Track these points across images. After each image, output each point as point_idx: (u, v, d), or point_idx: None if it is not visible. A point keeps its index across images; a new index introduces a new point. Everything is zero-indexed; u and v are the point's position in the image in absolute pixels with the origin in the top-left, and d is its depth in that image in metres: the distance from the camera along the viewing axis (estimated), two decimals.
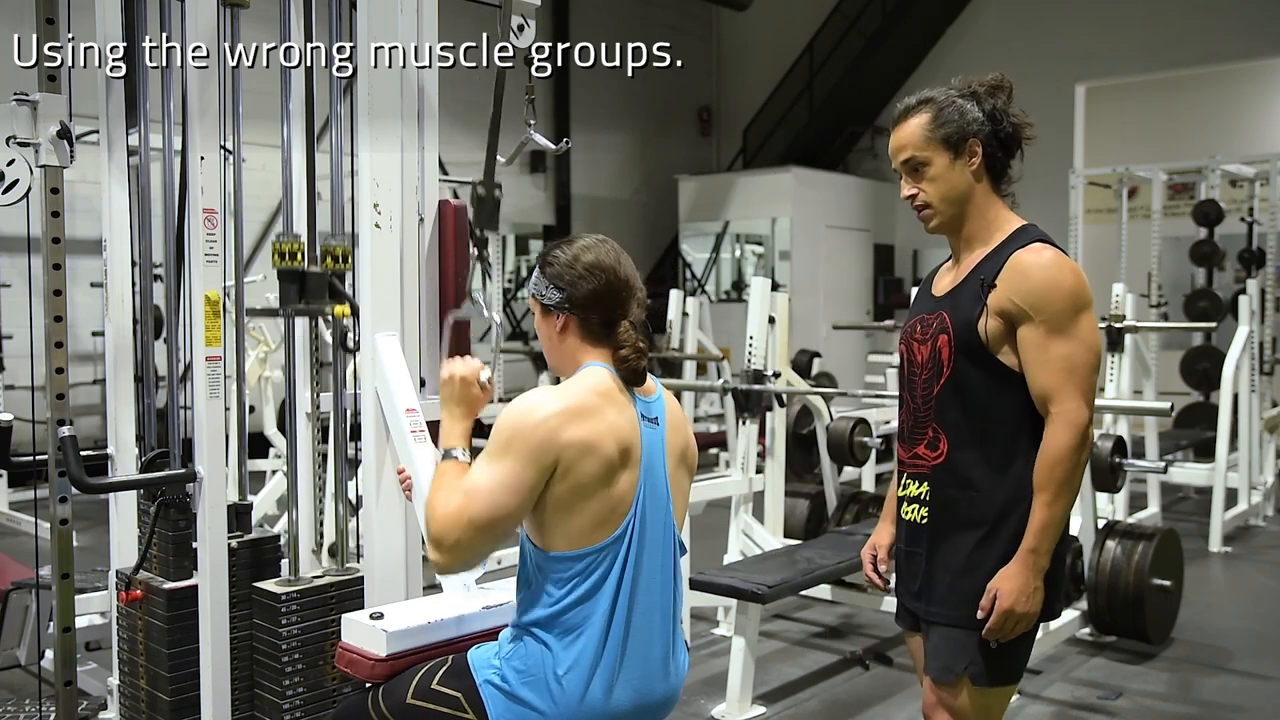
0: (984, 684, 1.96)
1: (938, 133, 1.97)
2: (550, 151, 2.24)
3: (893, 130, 2.04)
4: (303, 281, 2.46)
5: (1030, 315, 1.89)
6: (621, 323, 1.81)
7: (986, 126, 1.98)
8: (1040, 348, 1.89)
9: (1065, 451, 1.87)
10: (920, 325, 2.06)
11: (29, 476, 5.91)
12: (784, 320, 4.92)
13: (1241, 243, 8.89)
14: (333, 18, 2.53)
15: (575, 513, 1.71)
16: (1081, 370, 1.89)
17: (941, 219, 2.02)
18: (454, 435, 1.89)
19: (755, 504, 4.73)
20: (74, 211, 3.23)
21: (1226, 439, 6.22)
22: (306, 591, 2.45)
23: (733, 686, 3.62)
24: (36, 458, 2.99)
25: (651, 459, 1.79)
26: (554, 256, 1.85)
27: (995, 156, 2.00)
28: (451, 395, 1.91)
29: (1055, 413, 1.89)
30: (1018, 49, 12.10)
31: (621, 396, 1.78)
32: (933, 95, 2.01)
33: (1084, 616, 4.35)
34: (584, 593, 1.72)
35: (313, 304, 2.45)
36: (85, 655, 3.40)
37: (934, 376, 2.00)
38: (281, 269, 2.44)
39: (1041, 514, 1.89)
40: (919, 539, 2.04)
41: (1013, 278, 1.92)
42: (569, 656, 1.72)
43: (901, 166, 2.03)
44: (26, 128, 2.44)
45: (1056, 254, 1.93)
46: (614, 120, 13.58)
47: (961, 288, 2.00)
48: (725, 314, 11.43)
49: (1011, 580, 1.89)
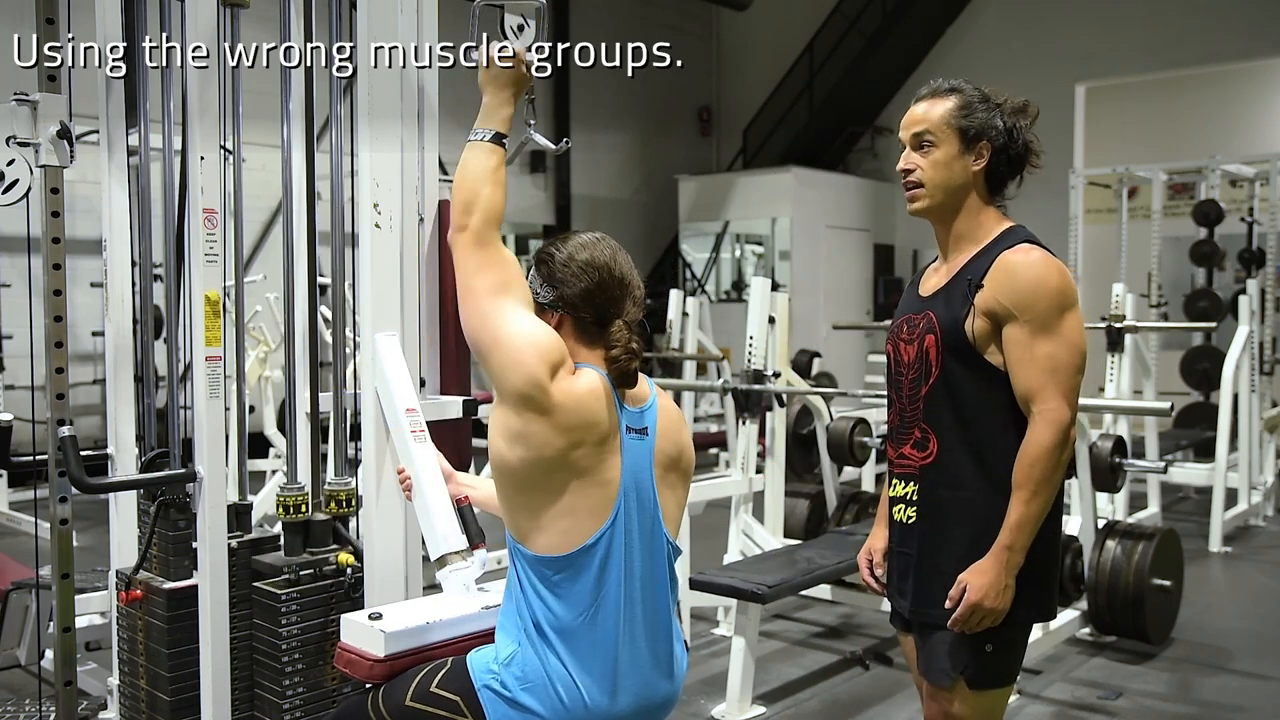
0: (980, 686, 1.95)
1: (958, 121, 1.98)
2: (550, 151, 2.24)
3: (914, 103, 2.04)
4: (308, 530, 2.51)
5: (1015, 315, 1.89)
6: (615, 322, 1.79)
7: (1002, 138, 2.00)
8: (1024, 346, 1.89)
9: (1045, 450, 1.87)
10: (907, 325, 2.05)
11: (29, 476, 5.91)
12: (784, 320, 4.92)
13: (1241, 243, 8.89)
14: (333, 18, 2.52)
15: (542, 496, 1.71)
16: (1064, 370, 1.89)
17: (928, 203, 2.01)
18: (498, 116, 1.88)
19: (755, 504, 4.73)
20: (74, 211, 3.23)
21: (1226, 439, 6.22)
22: (306, 591, 2.44)
23: (733, 686, 3.62)
24: (36, 458, 2.99)
25: (636, 470, 1.77)
26: (549, 253, 1.84)
27: (999, 168, 2.01)
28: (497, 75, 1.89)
29: (1037, 411, 1.88)
30: (1018, 49, 12.10)
31: (608, 404, 1.75)
32: (962, 87, 2.02)
33: (1084, 616, 4.35)
34: (573, 597, 1.72)
35: (318, 552, 2.49)
36: (85, 655, 3.40)
37: (921, 376, 1.99)
38: (286, 521, 2.49)
39: (1018, 511, 1.88)
40: (908, 539, 2.04)
41: (1000, 277, 1.92)
42: (565, 662, 1.71)
43: (910, 139, 2.02)
44: (26, 128, 2.44)
45: (1044, 254, 1.94)
46: (614, 120, 13.58)
47: (949, 288, 2.00)
48: (725, 314, 11.43)
49: (983, 575, 1.88)
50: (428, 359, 2.59)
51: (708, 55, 15.08)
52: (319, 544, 2.51)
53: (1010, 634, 1.99)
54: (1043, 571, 1.98)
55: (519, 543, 1.75)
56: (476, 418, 2.66)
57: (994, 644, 1.95)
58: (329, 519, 2.54)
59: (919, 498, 2.01)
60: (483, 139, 1.87)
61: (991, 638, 1.95)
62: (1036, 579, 1.96)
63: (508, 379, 1.69)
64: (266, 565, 2.47)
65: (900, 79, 13.07)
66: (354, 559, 2.45)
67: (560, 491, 1.71)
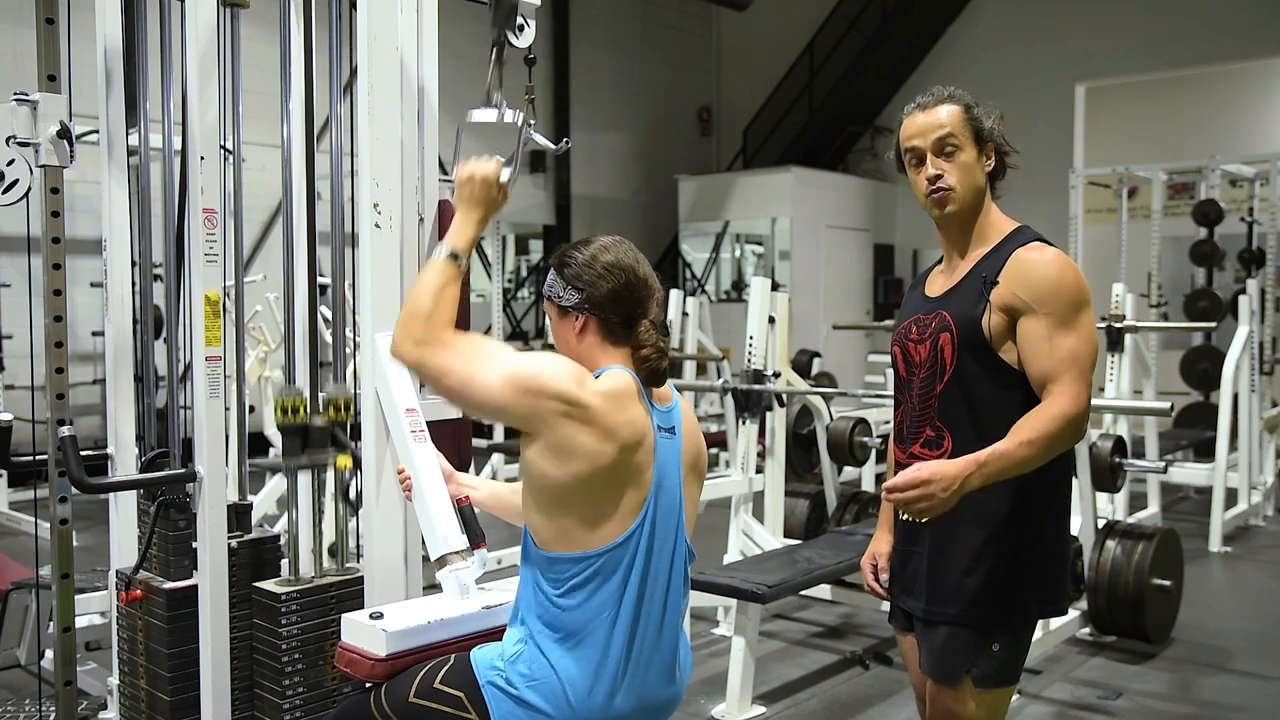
0: (987, 685, 1.96)
1: (973, 124, 2.01)
2: (550, 151, 2.24)
3: (921, 112, 2.03)
4: (306, 434, 2.49)
5: (1034, 308, 1.91)
6: (642, 322, 1.80)
7: (1001, 139, 2.05)
8: (1043, 339, 1.90)
9: (1058, 416, 1.85)
10: (916, 326, 2.06)
11: (29, 476, 5.93)
12: (784, 320, 4.92)
13: (1241, 243, 8.89)
14: (333, 18, 2.52)
15: (583, 506, 1.70)
16: (1084, 362, 1.90)
17: (959, 205, 2.02)
18: (463, 237, 1.85)
19: (755, 504, 4.73)
20: (74, 211, 3.24)
21: (1226, 439, 6.22)
22: (306, 591, 2.44)
23: (733, 686, 3.62)
24: (36, 458, 3.00)
25: (665, 470, 1.77)
26: (571, 257, 1.82)
27: (999, 168, 2.06)
28: (471, 195, 1.87)
29: (1058, 390, 1.88)
30: (1018, 49, 12.11)
31: (641, 403, 1.75)
32: (957, 92, 2.04)
33: (1084, 616, 4.35)
34: (589, 597, 1.71)
35: (316, 456, 2.48)
36: (85, 655, 3.40)
37: (935, 375, 2.00)
38: (284, 424, 2.47)
39: (1009, 446, 1.83)
40: (918, 538, 2.04)
41: (1015, 274, 1.93)
42: (573, 661, 1.71)
43: (932, 144, 2.01)
44: (26, 128, 2.44)
45: (1058, 252, 1.97)
46: (614, 120, 13.58)
47: (962, 287, 2.01)
48: (725, 314, 11.44)
49: (945, 466, 1.81)
50: None
51: (708, 55, 15.08)
52: (318, 448, 2.49)
53: (1018, 632, 1.99)
54: (1053, 564, 1.99)
55: (540, 546, 1.75)
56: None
57: (1001, 643, 1.95)
58: (328, 425, 2.52)
59: None
60: (438, 256, 1.83)
61: (999, 637, 1.95)
62: (1047, 572, 1.97)
63: (538, 408, 1.67)
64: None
65: (900, 79, 13.08)
66: (352, 463, 2.44)
67: (600, 498, 1.70)
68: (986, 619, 1.95)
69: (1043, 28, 12.04)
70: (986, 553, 1.94)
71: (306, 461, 2.47)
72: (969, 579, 1.95)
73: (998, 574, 1.94)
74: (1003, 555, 1.94)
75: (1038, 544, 1.98)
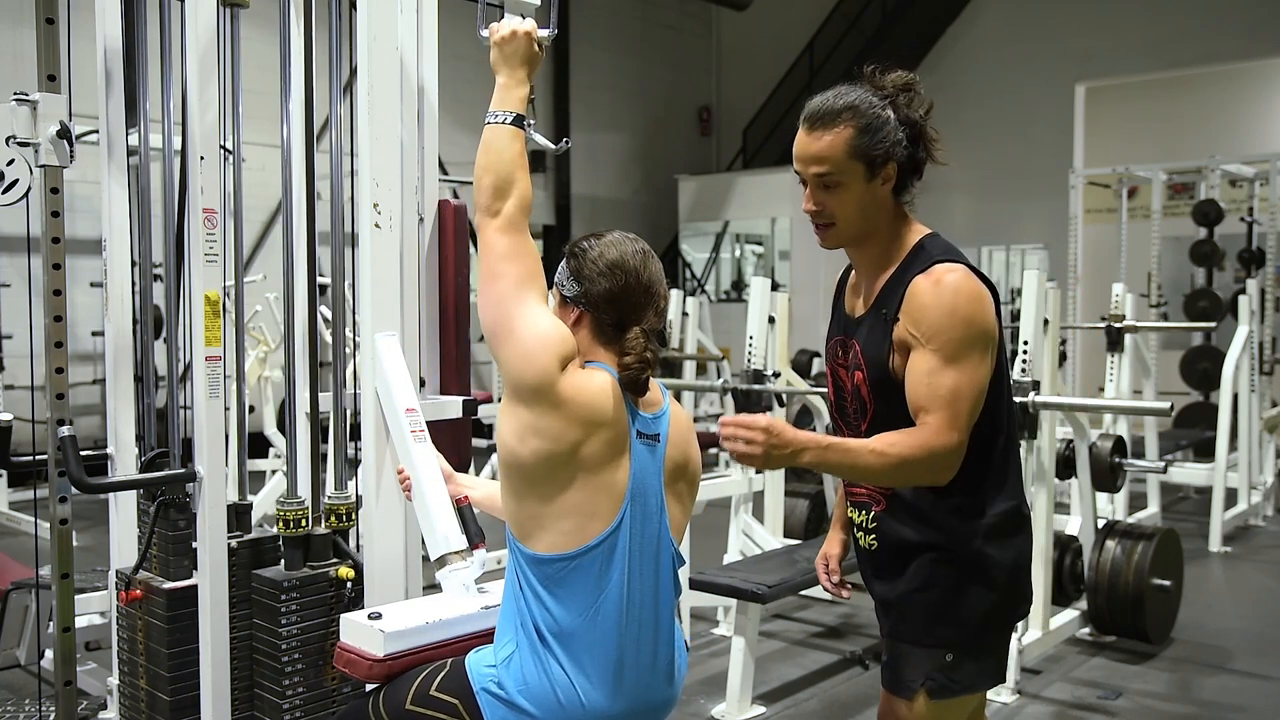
0: (942, 697, 1.92)
1: (861, 151, 1.84)
2: (550, 151, 2.23)
3: (806, 133, 1.89)
4: (308, 544, 2.49)
5: (923, 342, 1.81)
6: (633, 328, 1.78)
7: (907, 150, 1.88)
8: (928, 373, 1.79)
9: (922, 446, 1.76)
10: (841, 349, 2.01)
11: (29, 476, 5.92)
12: (784, 320, 4.92)
13: (1241, 243, 8.90)
14: (333, 18, 2.52)
15: (566, 502, 1.70)
16: (963, 404, 1.78)
17: (842, 239, 1.93)
18: (515, 98, 1.85)
19: (755, 504, 4.74)
20: (74, 211, 3.23)
21: (1226, 439, 6.23)
22: (306, 580, 2.44)
23: (733, 686, 3.62)
24: (36, 458, 2.99)
25: (643, 475, 1.77)
26: (580, 248, 1.82)
27: (905, 178, 1.91)
28: (516, 51, 1.86)
29: (930, 420, 1.78)
30: (1018, 49, 12.11)
31: (619, 407, 1.74)
32: (855, 103, 1.87)
33: (1084, 616, 4.35)
34: (573, 599, 1.71)
35: (318, 567, 2.48)
36: (85, 655, 3.40)
37: (860, 411, 1.95)
38: (286, 536, 2.47)
39: (858, 446, 1.77)
40: (874, 564, 2.01)
41: (910, 306, 1.83)
42: (564, 664, 1.71)
43: (810, 178, 1.89)
44: (26, 128, 2.43)
45: (955, 280, 1.82)
46: (614, 120, 13.58)
47: (869, 319, 1.93)
48: (725, 314, 11.45)
49: (788, 430, 1.72)
50: (428, 359, 2.60)
51: (708, 55, 15.08)
52: (319, 558, 2.49)
53: (971, 647, 1.93)
54: (1009, 585, 1.92)
55: (520, 542, 1.75)
56: (476, 418, 2.65)
57: (953, 652, 1.91)
58: (329, 533, 2.53)
59: (877, 525, 1.97)
60: (504, 121, 1.84)
61: (951, 645, 1.91)
62: (1000, 591, 1.91)
63: (519, 372, 1.69)
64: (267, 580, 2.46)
65: None
66: (353, 573, 2.44)
67: (567, 487, 1.70)
68: (940, 638, 1.91)
69: (1043, 28, 12.03)
70: (942, 570, 1.89)
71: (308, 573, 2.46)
72: (924, 595, 1.91)
73: (950, 594, 1.90)
74: (960, 572, 1.90)
75: (991, 564, 1.90)
